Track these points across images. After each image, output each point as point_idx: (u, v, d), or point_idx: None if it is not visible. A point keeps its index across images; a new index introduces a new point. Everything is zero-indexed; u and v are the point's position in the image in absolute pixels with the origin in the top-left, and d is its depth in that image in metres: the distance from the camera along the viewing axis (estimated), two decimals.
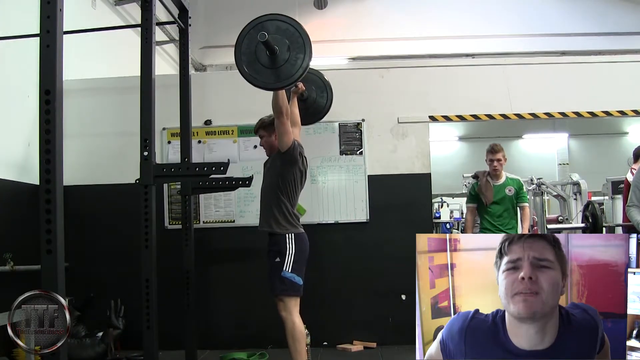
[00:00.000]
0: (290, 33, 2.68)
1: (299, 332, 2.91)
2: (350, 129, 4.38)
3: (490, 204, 4.17)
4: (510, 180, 4.25)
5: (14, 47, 3.56)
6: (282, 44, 2.66)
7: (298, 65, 2.66)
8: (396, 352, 3.93)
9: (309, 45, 2.67)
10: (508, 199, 4.19)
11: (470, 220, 4.38)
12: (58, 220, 2.02)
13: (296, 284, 2.94)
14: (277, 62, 2.67)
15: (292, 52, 2.66)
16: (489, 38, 8.30)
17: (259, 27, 2.69)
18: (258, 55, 2.69)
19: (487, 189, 4.19)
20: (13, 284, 3.39)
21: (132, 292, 2.95)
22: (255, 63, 2.69)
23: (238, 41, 2.72)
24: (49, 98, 2.03)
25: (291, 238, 2.98)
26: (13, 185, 3.80)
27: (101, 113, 4.45)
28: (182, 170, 2.86)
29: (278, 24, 2.70)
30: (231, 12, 8.13)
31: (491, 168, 4.21)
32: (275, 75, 2.68)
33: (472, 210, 4.37)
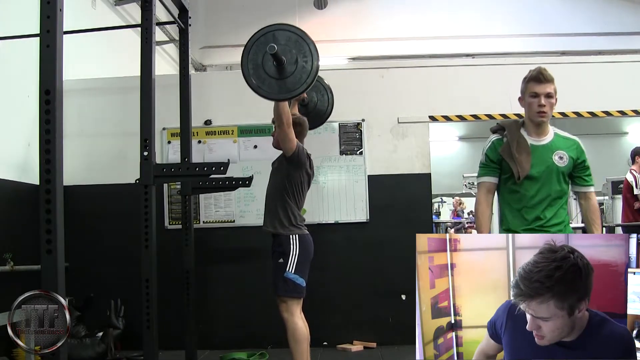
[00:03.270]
0: (299, 44, 2.65)
1: (301, 334, 2.91)
2: (350, 129, 4.38)
3: (525, 179, 2.41)
4: (562, 140, 2.49)
5: (14, 47, 3.56)
6: (289, 55, 2.64)
7: (304, 78, 2.65)
8: (396, 352, 3.93)
9: (317, 58, 2.65)
10: (557, 173, 2.42)
11: (485, 207, 2.52)
12: (58, 220, 2.02)
13: (299, 286, 2.94)
14: (283, 74, 2.65)
15: (299, 65, 2.64)
16: (488, 38, 8.30)
17: (269, 36, 2.66)
18: (264, 65, 2.66)
19: (521, 149, 2.43)
20: (13, 284, 3.39)
21: (132, 292, 2.95)
22: (261, 72, 2.67)
23: (246, 48, 2.70)
24: (49, 98, 2.03)
25: (295, 239, 2.98)
26: (13, 185, 3.80)
27: (101, 113, 4.45)
28: (182, 170, 2.86)
29: (288, 34, 2.67)
30: (231, 12, 8.14)
31: (532, 111, 2.44)
32: (280, 86, 2.66)
33: (488, 189, 2.53)
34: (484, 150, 2.58)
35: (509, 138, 2.49)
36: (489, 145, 2.57)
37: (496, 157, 2.51)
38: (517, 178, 2.42)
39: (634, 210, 5.21)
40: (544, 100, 2.43)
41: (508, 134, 2.51)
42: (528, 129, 2.51)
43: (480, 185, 2.58)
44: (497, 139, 2.55)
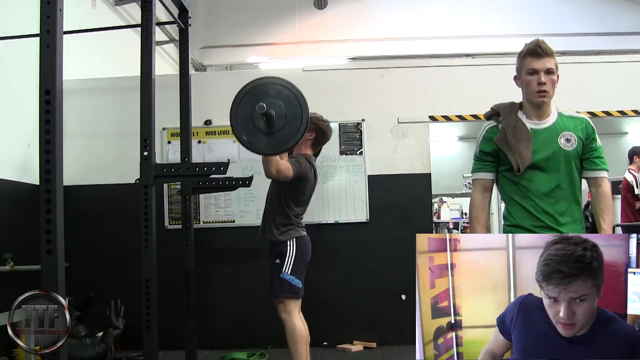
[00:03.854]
0: (289, 99, 2.60)
1: (299, 334, 2.91)
2: (350, 129, 4.38)
3: (527, 169, 2.11)
4: (567, 120, 2.18)
5: (14, 47, 3.56)
6: (278, 109, 2.58)
7: (294, 133, 2.59)
8: (396, 352, 3.93)
9: (307, 112, 2.60)
10: (565, 159, 2.12)
11: (481, 211, 2.25)
12: (58, 220, 2.02)
13: (295, 287, 2.94)
14: (273, 128, 2.60)
15: (289, 119, 2.58)
16: (489, 38, 8.29)
17: (260, 88, 2.62)
18: (254, 119, 2.60)
19: (519, 136, 2.13)
20: (13, 284, 3.39)
21: (132, 292, 2.95)
22: (251, 127, 2.62)
23: (235, 101, 2.66)
24: (49, 98, 2.03)
25: (292, 242, 2.98)
26: (13, 185, 3.80)
27: (101, 113, 4.45)
28: (182, 170, 2.85)
29: (278, 88, 2.61)
30: (231, 12, 8.14)
31: (531, 91, 2.14)
32: (270, 141, 2.61)
33: (484, 187, 2.26)
34: (477, 141, 2.28)
35: (504, 124, 2.17)
36: (483, 134, 2.26)
37: (491, 148, 2.20)
38: (516, 170, 2.11)
39: (635, 210, 5.21)
40: (544, 77, 2.10)
41: (503, 119, 2.18)
42: (527, 112, 2.18)
43: (475, 183, 2.29)
44: (490, 127, 2.24)
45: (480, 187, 2.28)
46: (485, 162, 2.26)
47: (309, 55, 7.85)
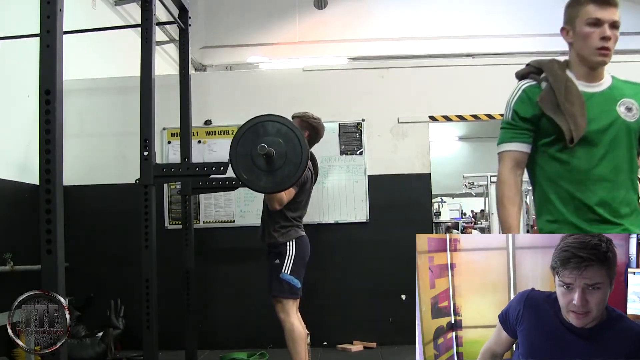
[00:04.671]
0: (288, 136, 2.60)
1: (298, 334, 2.92)
2: (350, 129, 4.38)
3: (578, 144, 1.66)
4: (625, 85, 1.83)
5: (14, 47, 3.56)
6: (278, 147, 2.59)
7: (293, 171, 2.60)
8: (396, 352, 3.93)
9: (306, 150, 2.61)
10: (626, 132, 1.70)
11: (514, 191, 1.74)
12: (58, 220, 2.02)
13: (294, 287, 2.95)
14: (272, 166, 2.62)
15: (288, 158, 2.59)
16: (489, 38, 8.30)
17: (258, 127, 2.62)
18: (254, 157, 2.62)
19: (572, 97, 1.70)
20: (13, 284, 3.39)
21: (132, 292, 2.95)
22: (250, 165, 2.63)
23: (235, 139, 2.66)
24: (49, 98, 2.03)
25: (292, 243, 3.00)
26: (13, 185, 3.80)
27: (101, 113, 4.45)
28: (182, 170, 2.86)
29: (278, 125, 2.62)
30: (231, 12, 8.14)
31: (590, 46, 1.71)
32: (269, 180, 2.63)
33: (517, 161, 1.77)
34: (509, 104, 1.81)
35: (551, 81, 1.71)
36: (518, 95, 1.79)
37: (531, 111, 1.72)
38: (569, 140, 1.64)
39: None
40: (609, 31, 1.72)
41: (550, 76, 1.73)
42: (576, 72, 1.75)
43: (503, 157, 1.77)
44: (529, 86, 1.77)
45: (510, 162, 1.75)
46: (521, 129, 1.75)
47: (309, 55, 7.85)
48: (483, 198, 7.23)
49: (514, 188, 1.73)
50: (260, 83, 4.52)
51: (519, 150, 1.76)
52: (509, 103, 1.82)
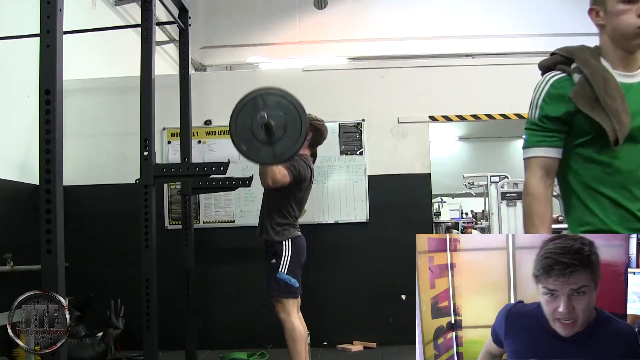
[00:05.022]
0: (288, 109, 2.60)
1: (298, 333, 2.92)
2: (350, 129, 4.38)
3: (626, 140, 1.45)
4: None
5: (14, 47, 3.56)
6: (278, 120, 2.59)
7: (292, 144, 2.60)
8: (396, 352, 3.93)
9: (305, 122, 2.60)
10: None
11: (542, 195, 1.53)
12: (58, 220, 2.02)
13: (292, 286, 2.95)
14: (272, 138, 2.61)
15: (288, 130, 2.59)
16: (489, 38, 8.30)
17: (258, 100, 2.63)
18: (253, 130, 2.62)
19: (612, 92, 1.46)
20: (13, 284, 3.39)
21: (132, 292, 2.95)
22: (250, 137, 2.64)
23: (234, 112, 2.67)
24: (49, 98, 2.03)
25: (288, 242, 3.00)
26: (13, 185, 3.80)
27: (101, 113, 4.45)
28: (182, 170, 2.86)
29: (277, 99, 2.61)
30: (231, 12, 8.13)
31: (628, 26, 1.47)
32: (269, 152, 2.62)
33: (547, 169, 1.54)
34: (535, 101, 1.55)
35: (587, 73, 1.47)
36: (546, 90, 1.53)
37: (563, 108, 1.49)
38: (613, 142, 1.43)
39: None
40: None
41: (584, 67, 1.48)
42: (611, 59, 1.52)
43: (530, 164, 1.54)
44: (558, 79, 1.53)
45: (539, 170, 1.52)
46: (550, 132, 1.51)
47: (309, 55, 7.85)
48: (483, 198, 7.22)
49: (544, 202, 1.50)
50: (260, 83, 4.42)
51: (549, 156, 1.52)
52: (535, 100, 1.55)
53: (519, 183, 6.46)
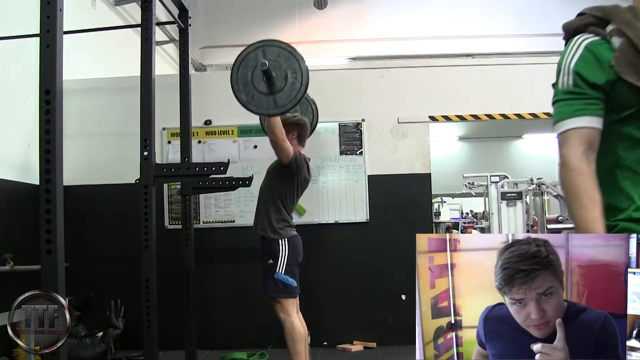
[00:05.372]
0: (289, 61, 2.65)
1: (298, 333, 2.91)
2: (350, 129, 4.38)
3: None
4: None
5: (14, 47, 3.56)
6: (279, 71, 2.64)
7: (294, 94, 2.64)
8: (396, 352, 3.93)
9: (306, 75, 2.65)
10: None
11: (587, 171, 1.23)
12: (58, 220, 2.02)
13: (290, 286, 2.95)
14: (273, 89, 2.66)
15: (289, 81, 2.64)
16: (489, 38, 8.30)
17: (258, 52, 2.66)
18: (254, 80, 2.67)
19: None
20: (13, 284, 3.39)
21: (132, 292, 2.95)
22: (250, 88, 2.68)
23: (235, 64, 2.71)
24: (49, 98, 2.04)
25: (284, 242, 2.99)
26: (13, 185, 3.80)
27: (101, 113, 4.45)
28: (182, 170, 2.86)
29: (278, 50, 2.67)
30: (231, 12, 8.14)
31: None
32: (270, 102, 2.66)
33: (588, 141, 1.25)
34: (566, 67, 1.30)
35: (631, 35, 1.22)
36: (579, 54, 1.29)
37: (602, 76, 1.25)
38: None
39: None
40: None
41: (627, 29, 1.24)
42: None
43: (568, 139, 1.28)
44: (593, 42, 1.28)
45: (581, 143, 1.25)
46: (591, 99, 1.26)
47: (309, 55, 7.76)
48: (483, 198, 7.23)
49: (591, 179, 1.24)
50: None
51: (592, 126, 1.24)
52: (566, 65, 1.30)
53: (519, 183, 6.46)
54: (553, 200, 7.31)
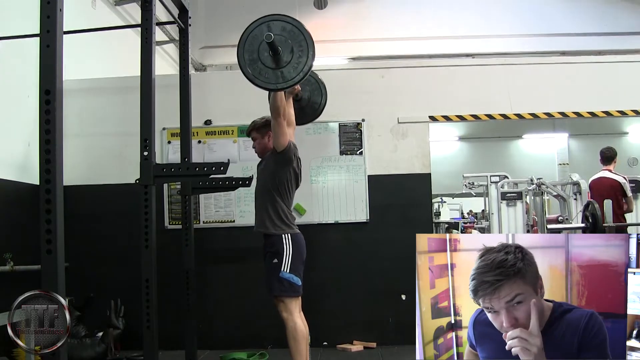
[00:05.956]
0: (295, 34, 2.68)
1: (300, 333, 2.91)
2: (350, 129, 4.38)
3: None
4: None
5: (14, 47, 3.56)
6: (285, 45, 2.65)
7: (300, 67, 2.66)
8: (396, 352, 3.94)
9: (312, 48, 2.67)
10: None
11: None
12: (58, 220, 2.02)
13: (295, 285, 2.94)
14: (279, 63, 2.67)
15: (295, 54, 2.65)
16: (489, 38, 8.30)
17: (264, 26, 2.69)
18: (260, 55, 2.68)
19: None
20: (13, 284, 3.39)
21: (132, 292, 2.95)
22: (257, 62, 2.69)
23: (241, 39, 2.72)
24: (49, 98, 2.03)
25: (288, 239, 2.97)
26: (13, 185, 3.80)
27: (101, 113, 4.45)
28: (182, 170, 2.85)
29: (283, 24, 2.70)
30: (231, 12, 8.14)
31: None
32: (277, 75, 2.68)
33: None
34: None
35: None
36: None
37: None
38: None
39: (622, 212, 5.14)
40: None
41: None
42: None
43: None
44: None
45: None
46: None
47: None
48: (483, 198, 7.22)
49: None
50: None
51: None
52: None
53: (519, 183, 6.46)
54: (553, 200, 7.31)
